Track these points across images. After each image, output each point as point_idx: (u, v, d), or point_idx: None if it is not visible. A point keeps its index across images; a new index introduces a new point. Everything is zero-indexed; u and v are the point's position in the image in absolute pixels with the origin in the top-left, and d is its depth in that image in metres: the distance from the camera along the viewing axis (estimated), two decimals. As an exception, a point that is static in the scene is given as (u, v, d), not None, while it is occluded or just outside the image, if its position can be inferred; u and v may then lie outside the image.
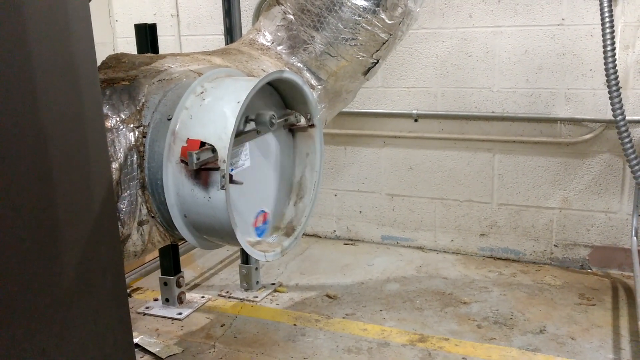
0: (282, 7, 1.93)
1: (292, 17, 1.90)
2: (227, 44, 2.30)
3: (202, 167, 1.17)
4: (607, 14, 1.96)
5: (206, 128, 1.19)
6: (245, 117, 1.30)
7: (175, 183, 1.21)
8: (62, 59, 0.87)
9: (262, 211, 1.41)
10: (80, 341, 0.92)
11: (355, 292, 2.38)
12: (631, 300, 2.26)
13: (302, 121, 1.47)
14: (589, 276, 2.51)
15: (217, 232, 1.25)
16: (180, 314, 2.06)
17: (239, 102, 1.18)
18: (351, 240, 2.96)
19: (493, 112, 2.56)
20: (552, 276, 2.51)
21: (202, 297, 2.19)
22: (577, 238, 2.57)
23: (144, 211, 1.27)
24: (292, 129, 1.50)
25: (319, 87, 1.93)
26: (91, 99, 0.93)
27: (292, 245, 1.40)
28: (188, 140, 1.19)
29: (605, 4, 1.96)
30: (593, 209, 2.52)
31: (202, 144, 1.18)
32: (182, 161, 1.20)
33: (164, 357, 1.77)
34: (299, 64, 1.90)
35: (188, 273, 2.49)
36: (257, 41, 1.94)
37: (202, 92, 1.26)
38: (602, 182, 2.47)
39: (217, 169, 1.16)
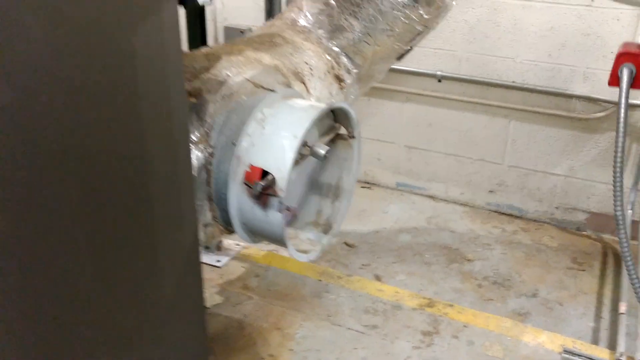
0: (326, -9, 2.02)
1: (334, 2, 2.00)
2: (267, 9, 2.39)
3: (263, 192, 1.37)
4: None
5: (267, 158, 1.38)
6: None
7: (238, 200, 1.42)
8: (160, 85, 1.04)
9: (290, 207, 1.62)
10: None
11: (371, 242, 2.65)
12: (618, 267, 2.53)
13: (343, 131, 1.64)
14: (584, 239, 2.77)
15: (270, 239, 1.48)
16: (219, 261, 2.34)
17: (296, 137, 1.36)
18: (368, 183, 3.19)
19: (514, 81, 2.69)
20: (549, 236, 2.77)
21: (237, 244, 2.46)
22: (577, 203, 2.80)
23: (209, 216, 1.49)
24: (334, 138, 1.68)
25: (355, 71, 2.06)
26: (181, 125, 1.12)
27: (329, 242, 1.63)
28: (251, 167, 1.38)
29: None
30: (595, 179, 2.73)
31: (264, 171, 1.37)
32: (245, 183, 1.40)
33: (209, 307, 2.07)
34: (336, 49, 2.03)
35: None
36: (299, 22, 2.05)
37: (262, 120, 1.43)
38: (607, 156, 2.66)
39: (276, 195, 1.36)
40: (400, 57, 2.16)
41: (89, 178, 0.89)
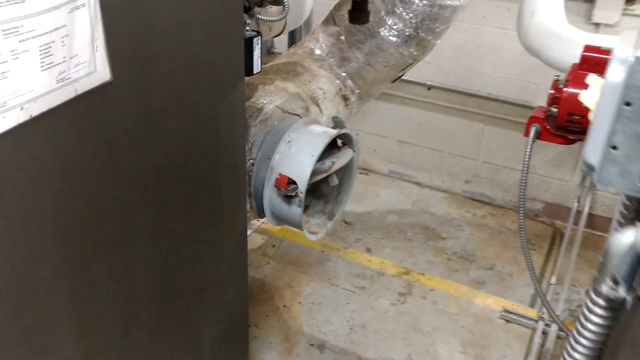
0: (338, 28, 2.58)
1: (344, 38, 2.57)
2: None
3: (288, 193, 1.98)
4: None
5: (292, 169, 1.98)
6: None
7: (270, 197, 2.03)
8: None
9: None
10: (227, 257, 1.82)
11: (365, 220, 3.27)
12: (561, 247, 3.15)
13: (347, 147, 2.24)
14: (539, 224, 3.39)
15: (291, 224, 2.09)
16: (243, 232, 2.97)
17: (312, 156, 1.96)
18: (365, 170, 3.80)
19: (490, 93, 3.27)
20: (511, 221, 3.39)
21: (257, 221, 3.08)
22: (536, 195, 3.41)
23: (247, 207, 2.11)
24: (340, 147, 2.27)
25: (357, 91, 2.64)
26: (240, 146, 1.73)
27: (332, 226, 2.25)
28: (280, 175, 1.99)
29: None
30: (552, 176, 3.33)
31: (289, 179, 1.97)
32: (276, 186, 2.00)
33: (237, 268, 2.70)
34: (344, 74, 2.60)
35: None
36: (315, 52, 2.62)
37: (289, 142, 2.03)
38: (562, 158, 3.25)
39: (297, 196, 1.97)
40: (394, 81, 2.73)
41: (194, 176, 1.51)
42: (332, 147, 2.22)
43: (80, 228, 1.19)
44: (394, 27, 2.44)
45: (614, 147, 0.58)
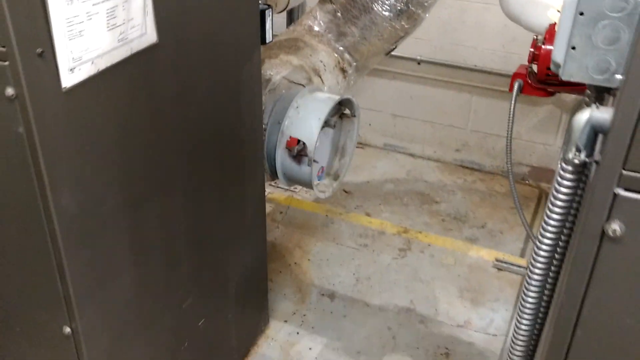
0: (334, 6, 2.78)
1: (340, 14, 2.77)
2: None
3: (298, 153, 2.19)
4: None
5: (301, 132, 2.18)
6: (320, 119, 2.28)
7: (281, 159, 2.23)
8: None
9: (322, 166, 2.45)
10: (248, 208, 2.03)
11: (363, 189, 3.49)
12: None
13: (348, 112, 2.45)
14: (526, 187, 3.62)
15: (302, 184, 2.30)
16: (252, 202, 3.17)
17: (319, 119, 2.17)
18: (361, 144, 4.01)
19: (476, 65, 3.49)
20: (500, 185, 3.62)
21: (268, 184, 3.29)
22: (522, 159, 3.64)
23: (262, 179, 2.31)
24: (341, 115, 2.48)
25: (354, 64, 2.85)
26: (257, 111, 1.93)
27: (337, 186, 2.46)
28: (290, 137, 2.19)
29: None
30: (536, 141, 3.56)
31: (298, 140, 2.18)
32: (287, 148, 2.21)
33: (248, 233, 2.91)
34: (341, 48, 2.81)
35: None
36: (314, 28, 2.82)
37: (297, 107, 2.23)
38: (544, 123, 3.49)
39: (307, 155, 2.18)
40: (387, 53, 2.94)
41: (220, 134, 1.72)
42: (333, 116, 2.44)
43: (134, 171, 1.40)
44: (387, 2, 2.66)
45: (573, 48, 0.80)
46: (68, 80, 1.15)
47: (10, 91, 1.09)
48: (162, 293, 1.64)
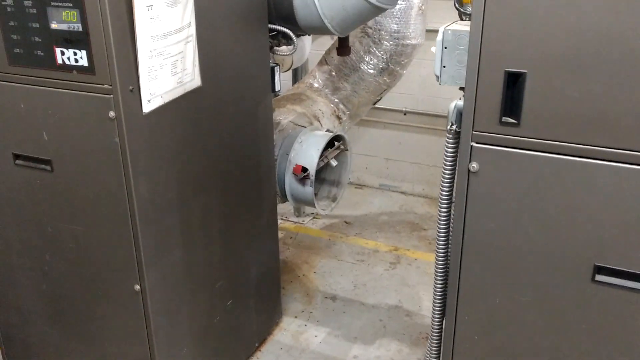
0: (329, 67, 3.47)
1: (334, 74, 3.45)
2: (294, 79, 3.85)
3: (302, 178, 2.80)
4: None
5: (304, 160, 2.80)
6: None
7: (289, 183, 2.84)
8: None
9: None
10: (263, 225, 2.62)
11: (361, 220, 4.07)
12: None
13: (343, 146, 3.08)
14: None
15: (305, 202, 2.91)
16: (266, 231, 3.76)
17: (318, 150, 2.80)
18: (359, 185, 4.63)
19: (452, 113, 4.13)
20: (480, 215, 4.19)
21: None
22: (498, 192, 4.22)
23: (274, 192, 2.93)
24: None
25: (347, 112, 3.50)
26: (270, 146, 2.56)
27: (335, 206, 3.06)
28: (296, 165, 2.81)
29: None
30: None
31: (303, 167, 2.80)
32: (293, 173, 2.82)
33: (264, 253, 3.48)
34: (336, 100, 3.47)
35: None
36: (314, 85, 3.50)
37: (301, 142, 2.87)
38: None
39: (309, 178, 2.79)
40: (374, 103, 3.59)
41: (241, 165, 2.34)
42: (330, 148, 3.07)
43: (186, 176, 2.02)
44: (371, 62, 3.33)
45: (444, 66, 1.42)
46: (147, 107, 1.78)
47: (112, 114, 1.72)
48: (201, 272, 2.21)
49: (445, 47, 1.41)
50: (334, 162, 2.87)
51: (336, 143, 3.05)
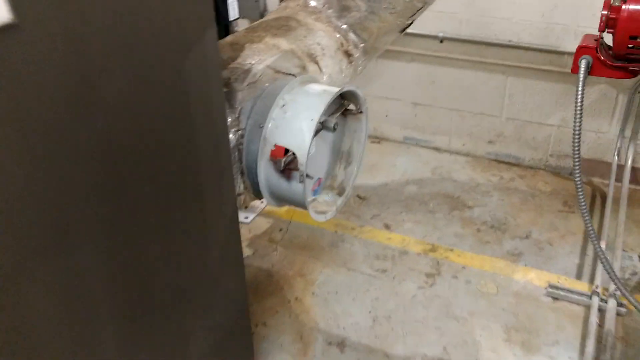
0: (333, -26, 2.22)
1: (341, -16, 2.21)
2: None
3: (286, 167, 1.65)
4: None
5: (289, 138, 1.64)
6: (315, 120, 1.74)
7: (266, 173, 1.69)
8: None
9: (319, 178, 1.91)
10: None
11: (381, 193, 2.93)
12: (604, 208, 2.80)
13: (353, 107, 1.90)
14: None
15: (294, 204, 1.76)
16: (246, 218, 2.65)
17: (312, 120, 1.62)
18: (377, 138, 3.45)
19: (510, 40, 2.89)
20: (544, 182, 3.04)
21: (262, 202, 2.76)
22: (569, 150, 3.04)
23: (242, 187, 1.77)
24: (344, 112, 1.93)
25: (361, 45, 2.29)
26: (221, 116, 1.40)
27: (343, 203, 1.92)
28: (275, 146, 1.65)
29: None
30: (586, 128, 2.97)
31: (286, 150, 1.64)
32: (271, 159, 1.67)
33: (240, 258, 2.39)
34: (345, 27, 2.25)
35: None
36: (310, 4, 2.27)
37: (283, 105, 1.69)
38: (597, 107, 2.89)
39: (297, 169, 1.63)
40: (402, 30, 2.37)
41: (158, 159, 1.18)
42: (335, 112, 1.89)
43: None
44: (398, -36, 2.09)
45: None
46: None
47: None
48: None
49: None
50: (331, 122, 1.71)
51: (345, 102, 1.88)
